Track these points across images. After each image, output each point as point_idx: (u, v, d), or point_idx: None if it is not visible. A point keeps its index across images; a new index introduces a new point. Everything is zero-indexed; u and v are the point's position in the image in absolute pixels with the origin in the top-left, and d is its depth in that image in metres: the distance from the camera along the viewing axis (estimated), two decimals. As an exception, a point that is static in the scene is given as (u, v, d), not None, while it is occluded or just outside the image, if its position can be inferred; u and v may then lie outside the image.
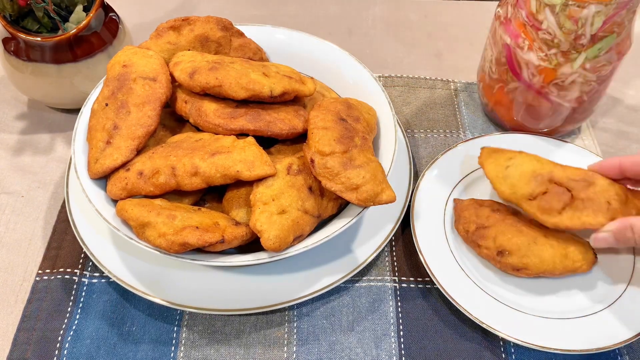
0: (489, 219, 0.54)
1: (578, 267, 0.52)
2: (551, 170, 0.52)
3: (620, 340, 0.49)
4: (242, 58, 0.58)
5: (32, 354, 0.50)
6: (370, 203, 0.48)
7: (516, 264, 0.51)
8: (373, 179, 0.48)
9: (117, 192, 0.50)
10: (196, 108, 0.53)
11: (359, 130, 0.51)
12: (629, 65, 0.74)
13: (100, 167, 0.50)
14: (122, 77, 0.53)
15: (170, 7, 0.86)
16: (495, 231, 0.53)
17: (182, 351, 0.51)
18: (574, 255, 0.51)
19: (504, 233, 0.52)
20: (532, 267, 0.51)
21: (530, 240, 0.52)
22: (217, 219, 0.47)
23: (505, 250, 0.52)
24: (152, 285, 0.51)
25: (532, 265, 0.51)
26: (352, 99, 0.56)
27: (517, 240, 0.52)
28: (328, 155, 0.48)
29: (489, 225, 0.53)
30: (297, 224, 0.47)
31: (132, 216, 0.46)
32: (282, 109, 0.53)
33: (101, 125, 0.52)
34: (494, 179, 0.54)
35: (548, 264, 0.51)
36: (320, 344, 0.51)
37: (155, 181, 0.48)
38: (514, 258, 0.51)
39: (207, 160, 0.48)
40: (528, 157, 0.54)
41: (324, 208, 0.50)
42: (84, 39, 0.61)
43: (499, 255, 0.52)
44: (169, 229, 0.45)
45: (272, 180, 0.48)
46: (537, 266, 0.51)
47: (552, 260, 0.51)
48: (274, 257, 0.46)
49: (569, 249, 0.52)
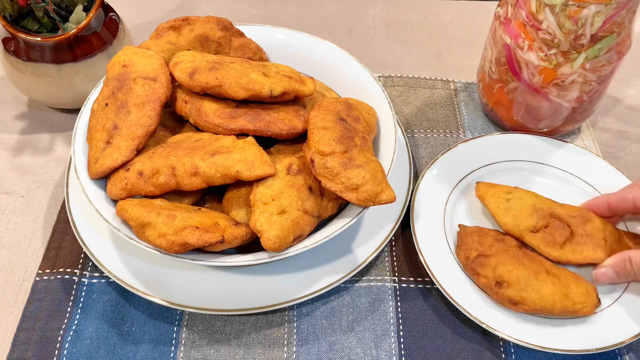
0: (491, 247, 0.53)
1: (579, 309, 0.49)
2: (551, 205, 0.55)
3: (620, 341, 0.49)
4: (242, 58, 0.58)
5: (32, 354, 0.50)
6: (370, 203, 0.48)
7: (514, 297, 0.49)
8: (373, 179, 0.48)
9: (117, 192, 0.50)
10: (196, 108, 0.53)
11: (359, 130, 0.51)
12: (629, 65, 0.74)
13: (100, 167, 0.50)
14: (122, 77, 0.53)
15: (170, 7, 0.86)
16: (496, 261, 0.51)
17: (182, 351, 0.51)
18: (576, 297, 0.50)
19: (504, 264, 0.51)
20: (529, 302, 0.49)
21: (531, 274, 0.50)
22: (217, 219, 0.47)
23: (504, 281, 0.50)
24: (152, 285, 0.51)
25: (530, 301, 0.49)
26: (352, 99, 0.56)
27: (517, 272, 0.50)
28: (328, 155, 0.48)
29: (491, 254, 0.52)
30: (297, 224, 0.47)
31: (132, 216, 0.46)
32: (282, 109, 0.53)
33: (101, 125, 0.52)
34: (495, 210, 0.56)
35: (547, 301, 0.49)
36: (320, 344, 0.51)
37: (155, 181, 0.48)
38: (512, 290, 0.50)
39: (207, 160, 0.48)
40: (526, 192, 0.57)
41: (324, 208, 0.50)
42: (84, 39, 0.61)
43: (497, 286, 0.50)
44: (169, 229, 0.45)
45: (272, 180, 0.48)
46: (535, 302, 0.49)
47: (551, 297, 0.49)
48: (274, 257, 0.46)
49: (570, 289, 0.50)
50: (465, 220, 0.58)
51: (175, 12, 0.85)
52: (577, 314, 0.50)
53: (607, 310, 0.51)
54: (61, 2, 0.62)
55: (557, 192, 0.60)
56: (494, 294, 0.51)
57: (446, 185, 0.60)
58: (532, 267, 0.51)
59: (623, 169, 0.65)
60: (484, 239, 0.54)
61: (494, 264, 0.51)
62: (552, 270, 0.51)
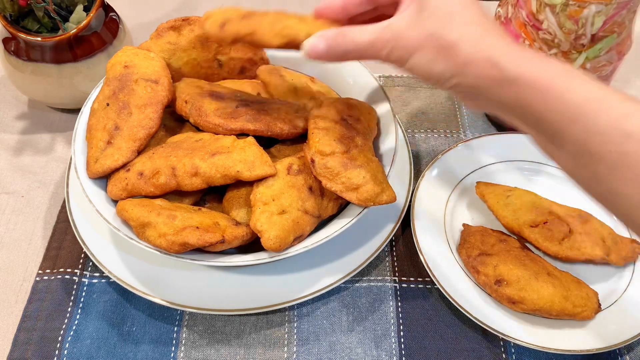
0: (493, 247, 0.53)
1: (578, 312, 0.49)
2: (550, 204, 0.56)
3: (620, 341, 0.49)
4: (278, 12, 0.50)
5: (32, 354, 0.50)
6: (371, 203, 0.48)
7: (512, 296, 0.49)
8: (373, 179, 0.48)
9: (117, 192, 0.50)
10: (196, 108, 0.53)
11: (360, 130, 0.51)
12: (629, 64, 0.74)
13: (101, 167, 0.50)
14: (123, 77, 0.53)
15: (171, 6, 0.85)
16: (498, 260, 0.51)
17: (182, 351, 0.51)
18: (576, 300, 0.49)
19: (505, 263, 0.51)
20: (528, 302, 0.49)
21: (532, 275, 0.50)
22: (218, 219, 0.47)
23: (503, 279, 0.50)
24: (152, 285, 0.51)
25: (529, 300, 0.49)
26: (353, 99, 0.56)
27: (517, 272, 0.50)
28: (328, 155, 0.48)
29: (493, 253, 0.52)
30: (297, 224, 0.47)
31: (133, 216, 0.46)
32: (282, 109, 0.53)
33: (102, 125, 0.52)
34: (494, 205, 0.56)
35: (546, 301, 0.49)
36: (320, 344, 0.51)
37: (156, 182, 0.48)
38: (512, 289, 0.50)
39: (207, 161, 0.48)
40: (526, 191, 0.58)
41: (324, 208, 0.50)
42: (84, 38, 0.61)
43: (496, 284, 0.50)
44: (169, 229, 0.45)
45: (272, 180, 0.48)
46: (534, 302, 0.49)
47: (550, 299, 0.49)
48: (274, 257, 0.46)
49: (571, 292, 0.50)
50: (466, 221, 0.58)
51: (176, 12, 0.84)
52: (576, 317, 0.50)
53: (607, 310, 0.51)
54: (61, 2, 0.62)
55: (557, 192, 0.60)
56: (493, 292, 0.51)
57: (446, 185, 0.60)
58: (533, 268, 0.51)
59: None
60: (486, 238, 0.54)
61: (495, 263, 0.51)
62: (554, 273, 0.51)
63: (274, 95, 0.59)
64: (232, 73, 0.62)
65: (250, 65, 0.63)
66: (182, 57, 0.59)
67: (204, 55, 0.59)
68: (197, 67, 0.60)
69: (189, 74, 0.60)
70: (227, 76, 0.62)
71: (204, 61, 0.60)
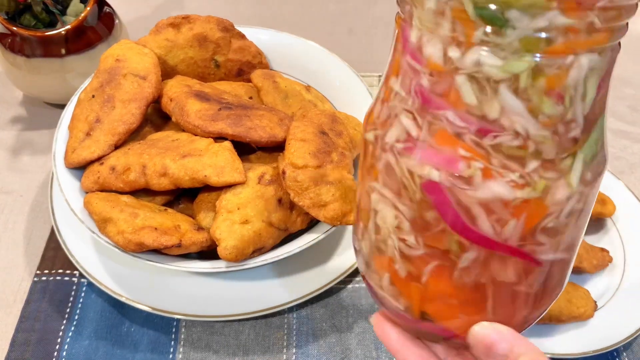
0: None
1: (582, 313, 0.50)
2: None
3: (617, 340, 0.48)
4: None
5: (30, 354, 0.49)
6: (337, 222, 0.46)
7: None
8: (343, 198, 0.46)
9: (89, 184, 0.50)
10: (180, 107, 0.52)
11: (339, 146, 0.50)
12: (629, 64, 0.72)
13: (77, 158, 0.50)
14: (113, 70, 0.53)
15: (171, 6, 0.85)
16: None
17: (181, 352, 0.50)
18: (577, 301, 0.50)
19: None
20: None
21: None
22: (180, 222, 0.46)
23: None
24: (141, 293, 0.50)
25: None
26: (341, 113, 0.54)
27: None
28: (300, 168, 0.46)
29: None
30: (258, 235, 0.46)
31: (96, 210, 0.46)
32: (265, 116, 0.52)
33: (84, 116, 0.52)
34: None
35: (554, 309, 0.49)
36: (319, 345, 0.50)
37: (126, 178, 0.48)
38: None
39: (177, 162, 0.47)
40: None
41: (293, 222, 0.49)
42: (80, 33, 0.61)
43: None
44: (128, 226, 0.44)
45: (241, 188, 0.47)
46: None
47: (558, 304, 0.49)
48: (231, 267, 0.45)
49: (571, 294, 0.50)
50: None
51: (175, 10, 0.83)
52: (580, 318, 0.50)
53: (601, 311, 0.51)
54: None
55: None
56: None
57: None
58: None
59: (624, 169, 0.64)
60: None
61: None
62: None
63: (265, 100, 0.58)
64: (229, 74, 0.61)
65: (248, 68, 0.62)
66: (179, 54, 0.58)
67: (201, 54, 0.59)
68: (194, 66, 0.60)
69: (185, 72, 0.59)
70: (224, 77, 0.61)
71: (200, 60, 0.59)
